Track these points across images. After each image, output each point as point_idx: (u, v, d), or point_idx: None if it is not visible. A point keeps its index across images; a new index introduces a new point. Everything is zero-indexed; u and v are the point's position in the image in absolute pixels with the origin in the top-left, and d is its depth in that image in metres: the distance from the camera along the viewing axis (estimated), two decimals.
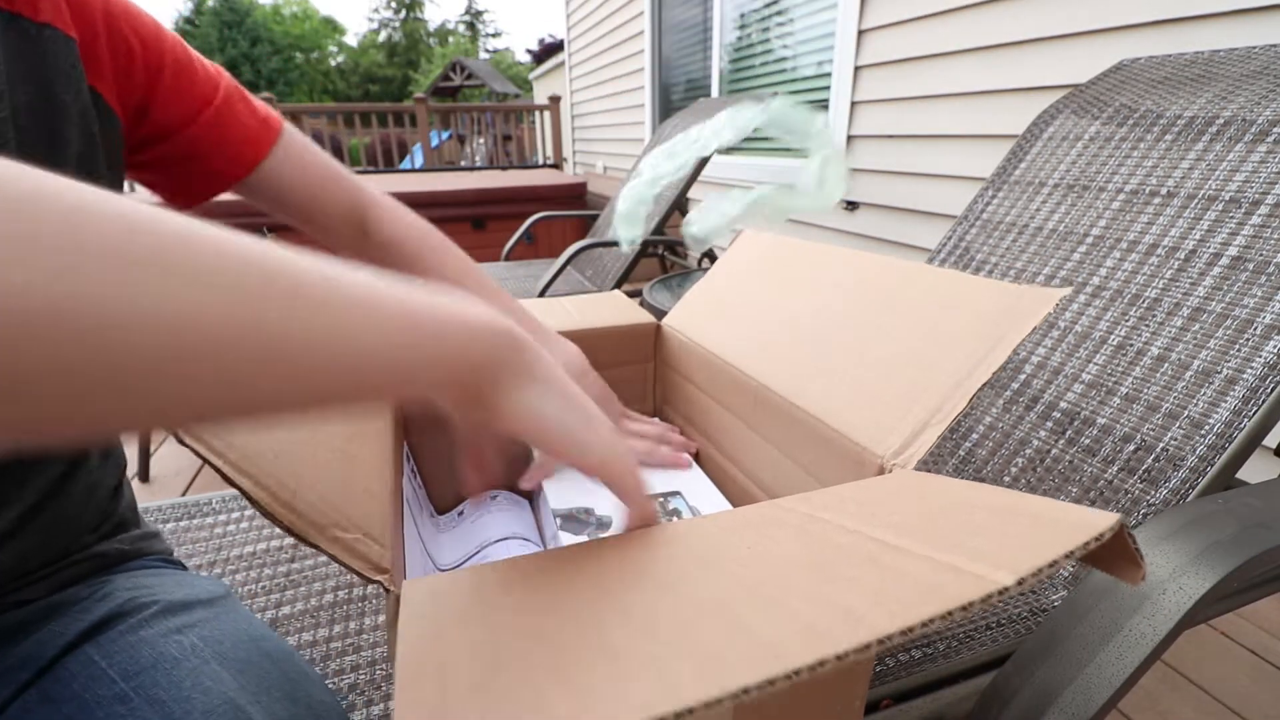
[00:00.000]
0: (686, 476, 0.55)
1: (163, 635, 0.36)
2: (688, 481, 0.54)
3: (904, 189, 1.64)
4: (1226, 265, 0.58)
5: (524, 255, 2.55)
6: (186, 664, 0.34)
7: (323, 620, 0.64)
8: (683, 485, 0.53)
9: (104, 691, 0.33)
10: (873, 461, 0.36)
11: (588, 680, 0.16)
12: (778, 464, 0.46)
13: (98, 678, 0.34)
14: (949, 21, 1.44)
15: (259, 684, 0.34)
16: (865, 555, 0.21)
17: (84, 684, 0.34)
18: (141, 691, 0.33)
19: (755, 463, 0.50)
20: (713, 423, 0.56)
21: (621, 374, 0.64)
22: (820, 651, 0.15)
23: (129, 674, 0.34)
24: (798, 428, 0.43)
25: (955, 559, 0.19)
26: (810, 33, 2.01)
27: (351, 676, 0.58)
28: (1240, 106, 0.65)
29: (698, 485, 0.53)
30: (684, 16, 2.88)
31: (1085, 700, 0.31)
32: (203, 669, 0.34)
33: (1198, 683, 0.84)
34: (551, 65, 6.96)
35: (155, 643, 0.36)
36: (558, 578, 0.22)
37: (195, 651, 0.35)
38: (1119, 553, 0.21)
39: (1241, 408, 0.51)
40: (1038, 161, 0.83)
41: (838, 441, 0.39)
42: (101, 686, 0.33)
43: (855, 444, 0.37)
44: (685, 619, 0.18)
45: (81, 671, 0.34)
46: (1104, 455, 0.58)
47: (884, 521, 0.24)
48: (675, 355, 0.62)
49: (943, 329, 0.38)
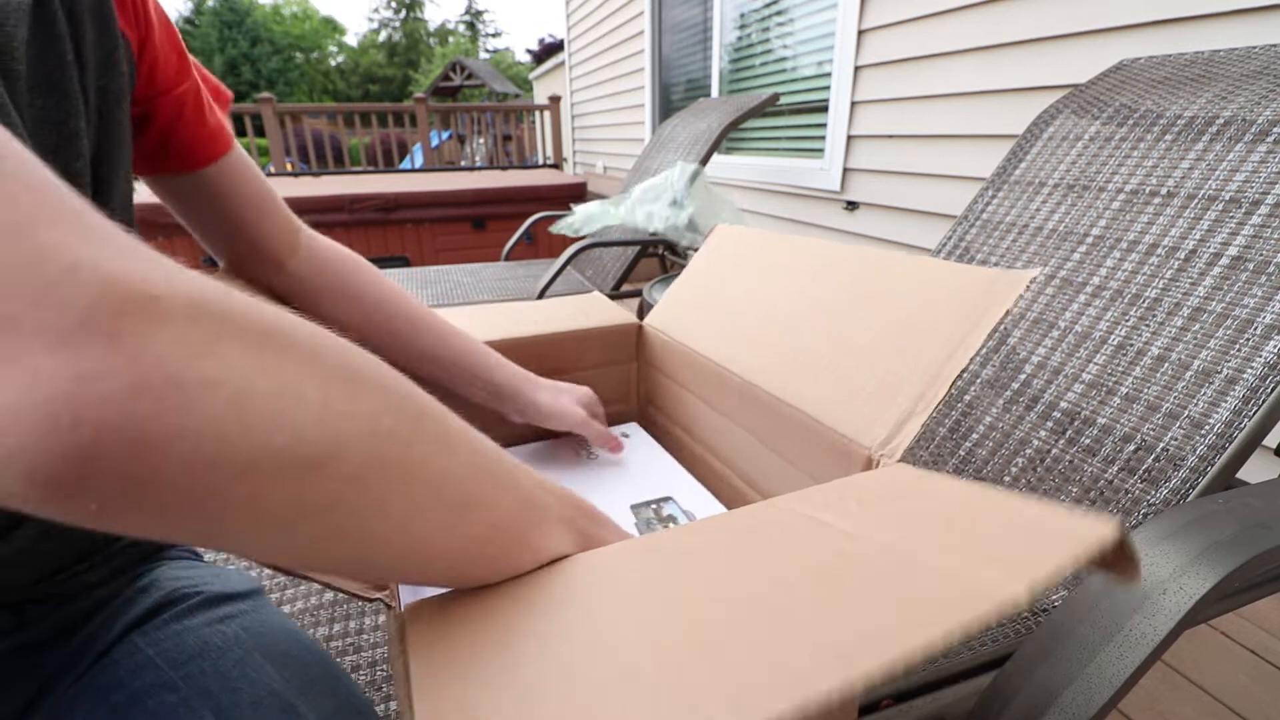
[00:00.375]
0: (676, 479, 0.54)
1: (206, 625, 0.37)
2: (678, 485, 0.54)
3: (904, 189, 1.64)
4: (1226, 265, 0.58)
5: (524, 255, 2.55)
6: (231, 654, 0.35)
7: (323, 620, 0.64)
8: (674, 489, 0.53)
9: (152, 679, 0.33)
10: (860, 453, 0.36)
11: (619, 715, 0.15)
12: (766, 460, 0.47)
13: (145, 666, 0.34)
14: (949, 21, 1.44)
15: (301, 677, 0.35)
16: (874, 564, 0.20)
17: (131, 672, 0.34)
18: (189, 680, 0.33)
19: (745, 460, 0.50)
20: (699, 421, 0.56)
21: (604, 375, 0.64)
22: (846, 676, 0.15)
23: (176, 663, 0.34)
24: (784, 422, 0.43)
25: (963, 568, 0.19)
26: (810, 33, 2.01)
27: (352, 677, 0.58)
28: (1240, 106, 0.65)
29: (688, 488, 0.53)
30: (684, 16, 2.88)
31: (1085, 700, 0.31)
32: (247, 660, 0.35)
33: (1198, 683, 0.84)
34: (551, 65, 6.96)
35: (200, 632, 0.36)
36: (564, 594, 0.21)
37: (239, 642, 0.36)
38: (1118, 554, 0.21)
39: (1241, 408, 0.51)
40: (1038, 161, 0.83)
41: (824, 434, 0.39)
42: (149, 674, 0.34)
43: (842, 436, 0.37)
44: (703, 640, 0.17)
45: (128, 659, 0.35)
46: (1104, 455, 0.58)
47: (887, 525, 0.23)
48: (658, 355, 0.61)
49: (920, 316, 0.38)
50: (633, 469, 0.56)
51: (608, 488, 0.54)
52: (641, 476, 0.55)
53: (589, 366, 0.63)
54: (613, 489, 0.53)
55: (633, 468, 0.56)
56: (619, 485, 0.54)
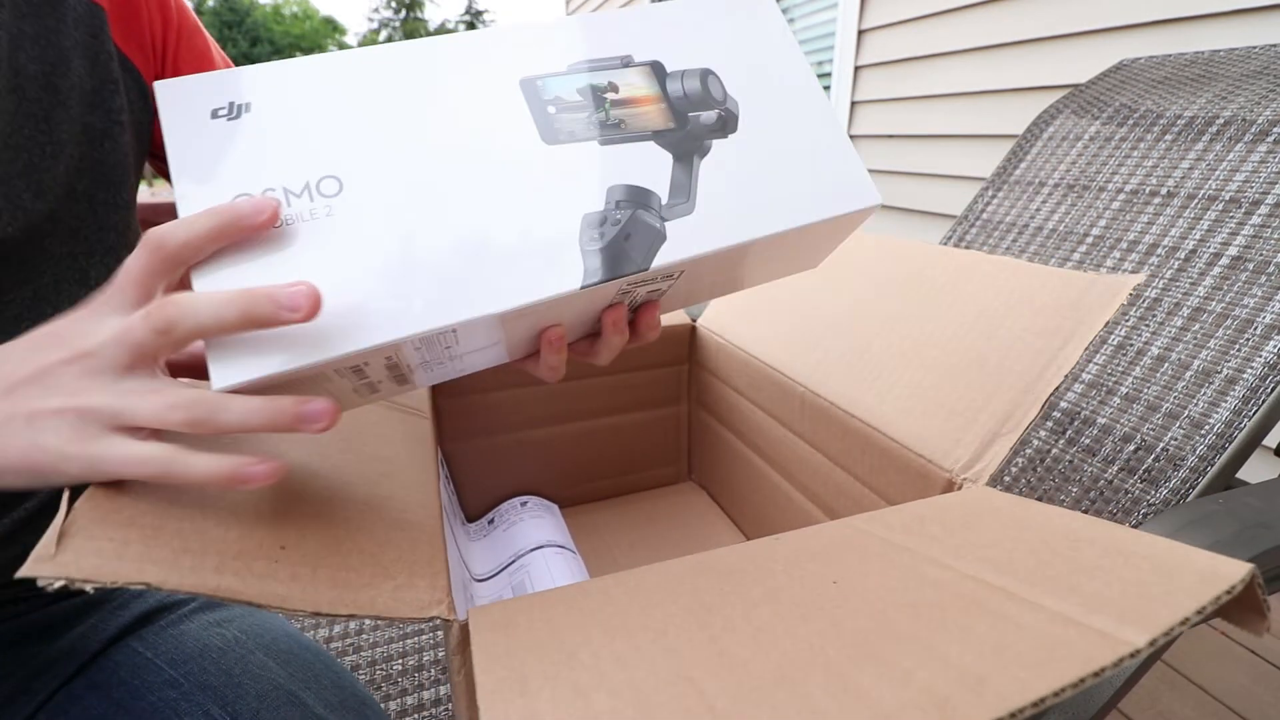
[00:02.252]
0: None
1: (204, 628, 0.37)
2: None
3: (904, 189, 1.64)
4: (1226, 265, 0.58)
5: None
6: (232, 654, 0.35)
7: (322, 622, 0.64)
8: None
9: (153, 678, 0.34)
10: (940, 476, 0.33)
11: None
12: (833, 477, 0.43)
13: (145, 666, 0.35)
14: (949, 21, 1.44)
15: (306, 673, 0.35)
16: (968, 598, 0.19)
17: (131, 672, 0.35)
18: (191, 677, 0.34)
19: (807, 475, 0.47)
20: (756, 429, 0.53)
21: (653, 377, 0.62)
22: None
23: (176, 662, 0.35)
24: (853, 437, 0.40)
25: (1070, 608, 0.17)
26: (810, 33, 2.00)
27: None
28: (1240, 106, 0.65)
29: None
30: None
31: (1085, 700, 0.31)
32: (249, 658, 0.35)
33: (1198, 683, 0.84)
34: None
35: (198, 635, 0.37)
36: (634, 614, 0.20)
37: (239, 643, 0.36)
38: (1244, 602, 0.18)
39: (1241, 408, 0.51)
40: (1038, 161, 0.83)
41: (898, 453, 0.36)
42: (150, 674, 0.34)
43: (919, 456, 0.34)
44: (787, 675, 0.16)
45: (127, 661, 0.35)
46: (1104, 455, 0.58)
47: (978, 555, 0.21)
48: (712, 357, 0.59)
49: (1004, 325, 0.35)
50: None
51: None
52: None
53: (638, 367, 0.61)
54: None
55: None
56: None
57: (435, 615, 0.21)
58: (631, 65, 0.28)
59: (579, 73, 0.28)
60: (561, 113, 0.27)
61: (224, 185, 0.24)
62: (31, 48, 0.32)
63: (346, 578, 0.21)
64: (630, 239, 0.26)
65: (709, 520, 0.65)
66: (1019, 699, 0.14)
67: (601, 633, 0.19)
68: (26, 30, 0.32)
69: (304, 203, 0.24)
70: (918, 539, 0.23)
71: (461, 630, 0.21)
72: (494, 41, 0.27)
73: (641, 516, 0.65)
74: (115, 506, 0.21)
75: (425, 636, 0.63)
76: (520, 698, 0.16)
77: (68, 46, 0.33)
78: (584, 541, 0.61)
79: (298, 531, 0.23)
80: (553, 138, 0.27)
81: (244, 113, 0.25)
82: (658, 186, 0.27)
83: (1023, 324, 0.34)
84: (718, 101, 0.29)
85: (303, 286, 0.21)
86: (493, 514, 0.59)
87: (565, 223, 0.26)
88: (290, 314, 0.21)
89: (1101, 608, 0.17)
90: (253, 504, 0.24)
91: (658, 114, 0.28)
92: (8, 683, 0.34)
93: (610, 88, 0.28)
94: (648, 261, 0.26)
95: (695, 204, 0.27)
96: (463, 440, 0.56)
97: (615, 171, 0.27)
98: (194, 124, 0.24)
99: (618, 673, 0.17)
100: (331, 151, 0.25)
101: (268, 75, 0.25)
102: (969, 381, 0.34)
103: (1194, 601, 0.17)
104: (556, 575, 0.48)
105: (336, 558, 0.22)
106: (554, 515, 0.57)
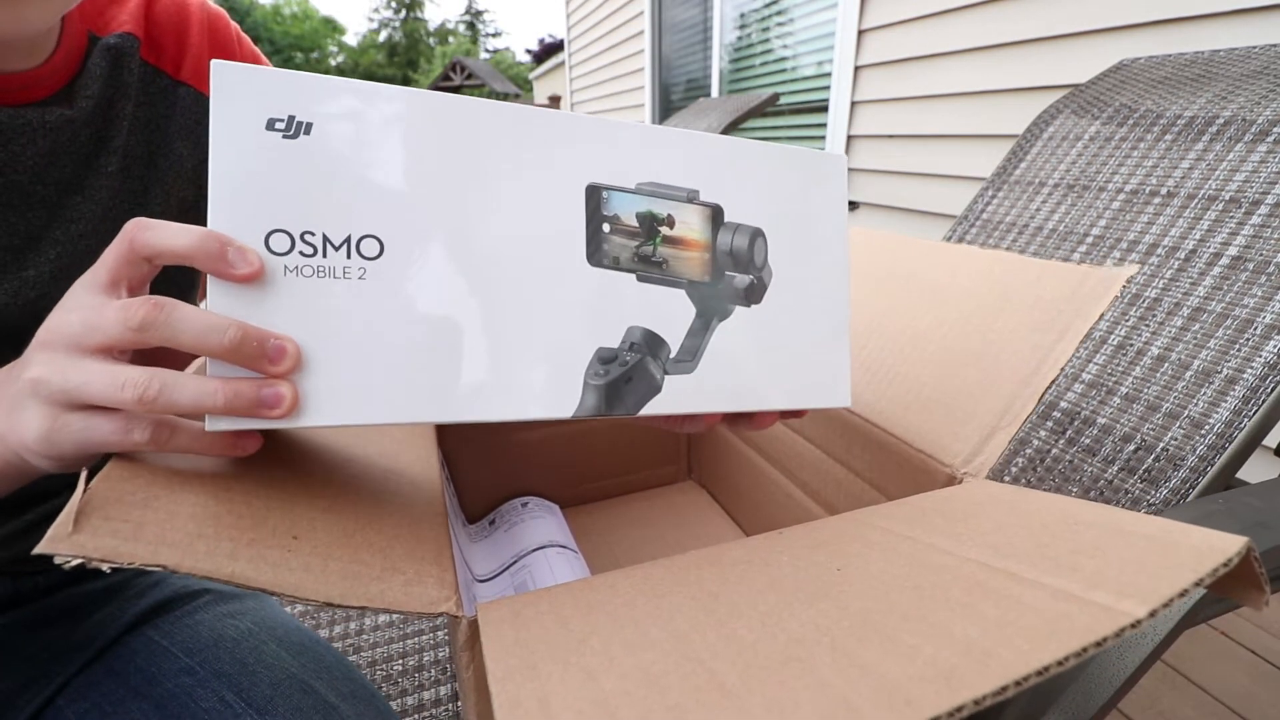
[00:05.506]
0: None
1: (218, 619, 0.38)
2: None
3: (904, 189, 1.64)
4: (1226, 265, 0.58)
5: None
6: (246, 644, 0.37)
7: (323, 621, 0.64)
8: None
9: (170, 665, 0.35)
10: (940, 470, 0.33)
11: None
12: (833, 473, 0.44)
13: (161, 654, 0.36)
14: (949, 21, 1.44)
15: (317, 664, 0.37)
16: (970, 579, 0.19)
17: (148, 659, 0.36)
18: (206, 665, 0.35)
19: (808, 472, 0.47)
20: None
21: None
22: (956, 697, 0.14)
23: (191, 650, 0.36)
24: (852, 433, 0.40)
25: (1071, 585, 0.18)
26: (810, 33, 2.00)
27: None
28: (1240, 106, 0.65)
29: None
30: (684, 16, 2.87)
31: (1085, 700, 0.31)
32: (262, 648, 0.36)
33: (1198, 683, 0.84)
34: (551, 65, 6.96)
35: (213, 625, 0.38)
36: (640, 604, 0.20)
37: (252, 634, 0.38)
38: (1241, 577, 0.19)
39: (1241, 408, 0.51)
40: (1038, 161, 0.83)
41: (897, 448, 0.36)
42: (166, 661, 0.35)
43: (918, 451, 0.35)
44: (794, 654, 0.16)
45: (144, 649, 0.37)
46: (1104, 455, 0.58)
47: (980, 541, 0.22)
48: None
49: (999, 319, 0.35)
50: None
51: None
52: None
53: None
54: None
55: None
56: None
57: (444, 611, 0.21)
58: (696, 202, 0.28)
59: (644, 194, 0.27)
60: (614, 234, 0.27)
61: (262, 211, 0.22)
62: (142, 132, 0.37)
63: (357, 570, 0.22)
64: (630, 383, 0.27)
65: (710, 519, 0.65)
66: (1023, 668, 0.14)
67: (609, 622, 0.19)
68: (141, 117, 0.36)
69: (340, 258, 0.23)
70: (920, 529, 0.23)
71: (470, 626, 0.21)
72: (580, 129, 0.26)
73: (642, 516, 0.65)
74: (131, 488, 0.21)
75: (425, 637, 0.63)
76: (532, 682, 0.16)
77: (173, 131, 0.38)
78: (585, 541, 0.61)
79: (309, 523, 0.23)
80: (597, 260, 0.26)
81: (302, 134, 0.23)
82: (671, 333, 0.28)
83: (1018, 318, 0.34)
84: (756, 268, 0.29)
85: (289, 346, 0.22)
86: (494, 515, 0.59)
87: (580, 351, 0.26)
88: (270, 366, 0.21)
89: (1102, 583, 0.17)
90: (266, 492, 0.24)
91: (699, 264, 0.28)
92: (28, 666, 0.35)
93: (668, 221, 0.28)
94: (637, 409, 0.27)
95: (698, 365, 0.28)
96: (463, 441, 0.56)
97: (639, 310, 0.27)
98: (246, 127, 0.22)
99: (627, 657, 0.17)
100: (383, 209, 0.23)
101: (338, 97, 0.23)
102: (966, 376, 0.35)
103: (1192, 574, 0.17)
104: (559, 575, 0.49)
105: (347, 550, 0.22)
106: (555, 515, 0.57)
